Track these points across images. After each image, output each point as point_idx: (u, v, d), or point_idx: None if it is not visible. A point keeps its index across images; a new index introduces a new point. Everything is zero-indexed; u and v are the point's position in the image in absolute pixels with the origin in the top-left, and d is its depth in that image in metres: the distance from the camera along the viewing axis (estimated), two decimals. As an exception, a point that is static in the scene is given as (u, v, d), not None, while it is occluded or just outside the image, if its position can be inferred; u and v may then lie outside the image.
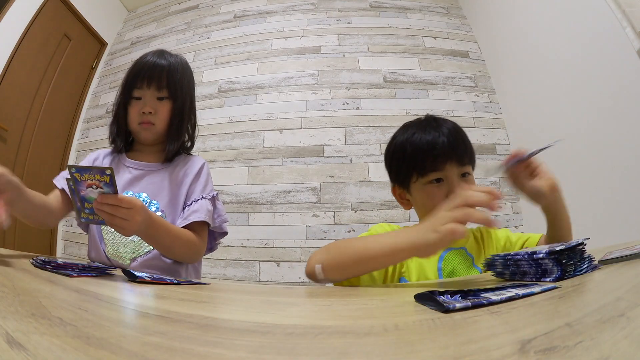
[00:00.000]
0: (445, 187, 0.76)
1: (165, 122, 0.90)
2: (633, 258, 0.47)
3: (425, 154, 0.77)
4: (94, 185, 0.60)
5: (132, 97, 0.89)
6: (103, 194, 0.61)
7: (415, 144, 0.79)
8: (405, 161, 0.80)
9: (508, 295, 0.34)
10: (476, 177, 0.83)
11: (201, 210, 0.84)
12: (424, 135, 0.78)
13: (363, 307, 0.39)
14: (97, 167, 0.60)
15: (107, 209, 0.61)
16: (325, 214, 2.10)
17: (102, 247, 0.85)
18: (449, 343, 0.23)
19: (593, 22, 1.53)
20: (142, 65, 0.88)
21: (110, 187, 0.60)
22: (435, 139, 0.77)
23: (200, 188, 0.89)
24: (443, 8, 2.75)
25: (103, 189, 0.60)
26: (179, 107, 0.91)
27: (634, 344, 0.19)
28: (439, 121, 0.81)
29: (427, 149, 0.77)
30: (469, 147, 0.79)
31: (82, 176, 0.59)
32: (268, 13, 2.74)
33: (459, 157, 0.76)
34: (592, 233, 0.81)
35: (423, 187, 0.78)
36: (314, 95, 2.38)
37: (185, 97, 0.92)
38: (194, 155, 0.97)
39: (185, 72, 0.93)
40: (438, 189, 0.77)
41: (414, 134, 0.80)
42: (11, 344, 0.19)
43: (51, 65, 2.51)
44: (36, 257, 0.58)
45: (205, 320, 0.30)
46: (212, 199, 0.88)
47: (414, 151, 0.79)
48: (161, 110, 0.89)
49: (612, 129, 1.44)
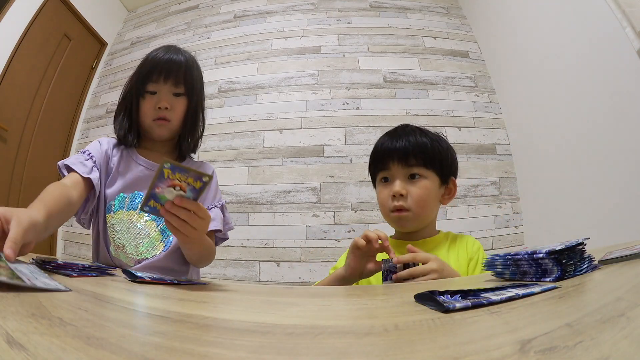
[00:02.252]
0: (391, 185, 0.82)
1: (180, 119, 0.88)
2: (633, 258, 0.47)
3: (378, 156, 0.85)
4: (177, 187, 0.54)
5: (146, 91, 0.85)
6: (182, 197, 0.55)
7: (377, 148, 0.86)
8: (370, 162, 0.88)
9: (508, 295, 0.34)
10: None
11: (217, 219, 0.85)
12: (386, 140, 0.84)
13: (363, 307, 0.39)
14: (195, 170, 0.53)
15: (183, 214, 0.57)
16: (325, 214, 2.10)
17: (107, 247, 0.84)
18: (449, 343, 0.23)
19: (593, 22, 1.53)
20: (159, 60, 0.85)
21: (196, 193, 0.55)
22: (392, 143, 0.83)
23: (212, 196, 0.90)
24: (443, 8, 2.75)
25: (185, 193, 0.55)
26: (194, 105, 0.89)
27: (634, 344, 0.19)
28: (413, 129, 0.85)
29: (380, 152, 0.84)
30: (428, 154, 0.81)
31: (174, 174, 0.53)
32: (268, 13, 2.74)
33: (402, 156, 0.80)
34: (592, 233, 0.81)
35: (377, 186, 0.87)
36: (314, 95, 2.38)
37: (199, 95, 0.91)
38: (204, 162, 0.98)
39: (199, 70, 0.93)
40: (384, 187, 0.84)
41: (384, 138, 0.86)
42: (11, 344, 0.19)
43: (51, 65, 2.51)
44: (36, 257, 0.58)
45: (205, 320, 0.30)
46: (221, 207, 0.90)
47: (374, 153, 0.87)
48: (177, 106, 0.86)
49: (612, 129, 1.44)
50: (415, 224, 0.82)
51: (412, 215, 0.80)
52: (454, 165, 0.87)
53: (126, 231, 0.83)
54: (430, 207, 0.82)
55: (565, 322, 0.24)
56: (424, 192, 0.80)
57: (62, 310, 0.29)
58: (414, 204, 0.79)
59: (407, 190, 0.79)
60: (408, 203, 0.79)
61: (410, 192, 0.79)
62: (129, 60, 2.82)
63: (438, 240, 0.84)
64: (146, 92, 0.85)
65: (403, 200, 0.79)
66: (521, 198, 2.13)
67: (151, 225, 0.85)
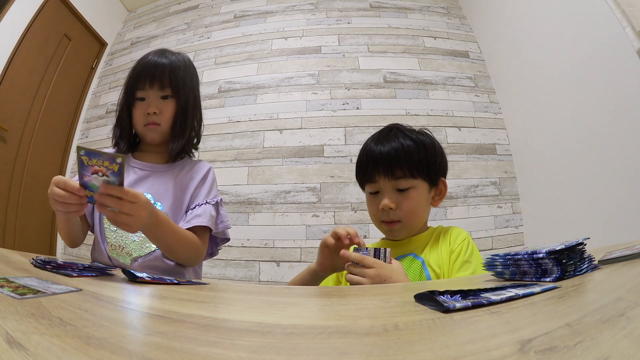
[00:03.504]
0: (380, 199, 0.79)
1: (170, 121, 0.89)
2: (633, 258, 0.47)
3: (363, 165, 0.83)
4: (100, 172, 0.55)
5: (135, 98, 0.88)
6: (107, 184, 0.56)
7: (362, 154, 0.84)
8: (357, 169, 0.86)
9: (508, 295, 0.34)
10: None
11: (204, 214, 0.84)
12: (373, 146, 0.82)
13: (363, 307, 0.39)
14: (108, 153, 0.55)
15: (110, 202, 0.58)
16: (325, 214, 2.10)
17: (104, 246, 0.84)
18: (449, 343, 0.23)
19: (593, 22, 1.53)
20: (144, 66, 0.87)
21: (117, 176, 0.56)
22: (377, 151, 0.80)
23: (205, 192, 0.89)
24: (443, 8, 2.75)
25: (109, 178, 0.56)
26: (182, 105, 0.90)
27: (634, 344, 0.19)
28: (397, 133, 0.82)
29: (365, 161, 0.82)
30: (414, 161, 0.78)
31: (90, 160, 0.54)
32: (268, 13, 2.74)
33: (387, 168, 0.78)
34: (592, 233, 0.81)
35: (366, 196, 0.85)
36: (314, 95, 2.38)
37: (188, 95, 0.91)
38: (201, 160, 0.97)
39: (188, 69, 0.93)
40: (373, 199, 0.82)
41: (369, 143, 0.84)
42: (11, 344, 0.19)
43: (51, 65, 2.51)
44: (36, 257, 0.58)
45: (205, 320, 0.30)
46: (215, 204, 0.88)
47: (360, 161, 0.85)
48: (166, 109, 0.88)
49: (612, 129, 1.44)
50: (406, 232, 0.82)
51: (402, 225, 0.79)
52: (443, 165, 0.85)
53: (120, 231, 0.83)
54: (420, 215, 0.82)
55: (565, 322, 0.24)
56: (414, 203, 0.79)
57: (62, 310, 0.29)
58: (404, 215, 0.79)
59: (396, 204, 0.78)
60: (398, 215, 0.78)
61: (400, 205, 0.78)
62: (129, 60, 2.82)
63: (422, 238, 0.83)
64: (136, 99, 0.88)
65: (393, 214, 0.78)
66: (521, 198, 2.13)
67: None
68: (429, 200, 0.83)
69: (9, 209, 2.18)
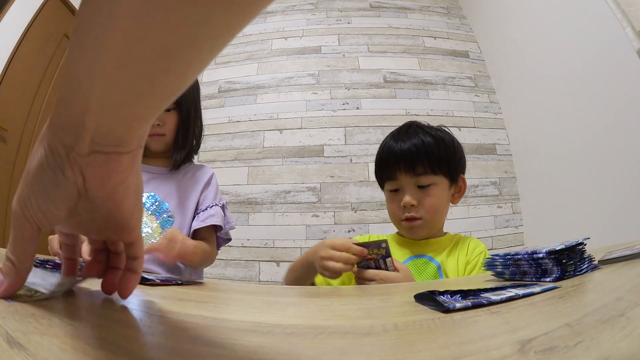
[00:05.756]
0: (401, 196, 0.79)
1: (173, 131, 0.94)
2: (633, 258, 0.47)
3: (384, 163, 0.82)
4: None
5: None
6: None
7: (382, 152, 0.84)
8: (377, 167, 0.86)
9: (508, 295, 0.34)
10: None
11: (217, 215, 0.89)
12: (393, 144, 0.81)
13: (363, 307, 0.39)
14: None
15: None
16: (325, 214, 2.10)
17: None
18: (449, 343, 0.23)
19: (593, 22, 1.53)
20: None
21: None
22: (397, 148, 0.80)
23: (212, 196, 0.94)
24: (443, 8, 2.75)
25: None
26: (184, 117, 0.94)
27: (634, 344, 0.19)
28: (416, 129, 0.82)
29: (386, 158, 0.82)
30: (435, 157, 0.78)
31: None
32: (268, 13, 2.74)
33: (409, 164, 0.78)
34: (592, 233, 0.81)
35: (386, 194, 0.85)
36: (314, 95, 2.38)
37: (190, 107, 0.95)
38: (203, 165, 1.01)
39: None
40: (395, 196, 0.82)
41: (388, 140, 0.83)
42: (11, 344, 0.19)
43: (51, 65, 2.51)
44: (36, 257, 0.58)
45: (205, 320, 0.30)
46: (222, 206, 0.93)
47: (380, 159, 0.84)
48: (169, 121, 0.92)
49: (612, 129, 1.44)
50: (427, 231, 0.81)
51: (424, 223, 0.79)
52: (462, 161, 0.85)
53: None
54: (442, 212, 0.82)
55: (565, 322, 0.24)
56: (436, 200, 0.79)
57: (62, 310, 0.29)
58: (426, 212, 0.78)
59: (418, 200, 0.78)
60: (420, 212, 0.78)
61: (421, 202, 0.78)
62: (129, 60, 2.82)
63: (442, 242, 0.83)
64: None
65: (414, 210, 0.78)
66: (521, 198, 2.13)
67: (151, 219, 0.88)
68: (449, 197, 0.83)
69: (9, 209, 2.17)
